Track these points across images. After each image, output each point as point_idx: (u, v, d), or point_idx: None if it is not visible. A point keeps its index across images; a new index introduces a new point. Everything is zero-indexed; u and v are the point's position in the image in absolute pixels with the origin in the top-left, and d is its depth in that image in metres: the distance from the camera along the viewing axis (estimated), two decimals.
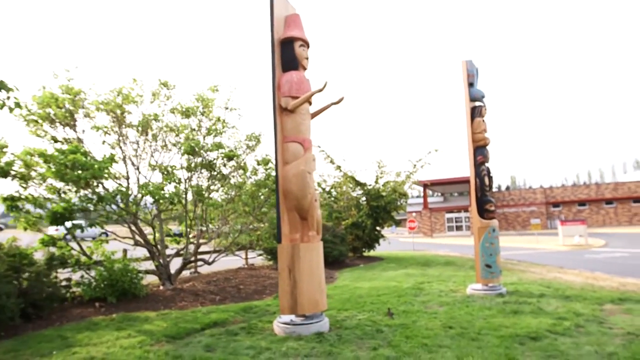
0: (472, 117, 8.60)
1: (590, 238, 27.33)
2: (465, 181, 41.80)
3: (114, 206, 7.71)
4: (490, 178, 8.46)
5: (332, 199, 17.10)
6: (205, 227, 9.39)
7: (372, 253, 17.69)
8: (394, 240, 38.52)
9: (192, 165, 8.57)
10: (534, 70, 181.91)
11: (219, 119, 8.86)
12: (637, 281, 9.78)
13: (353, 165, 20.19)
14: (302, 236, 5.64)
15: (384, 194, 16.27)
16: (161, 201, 7.88)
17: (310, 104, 6.08)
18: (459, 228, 46.83)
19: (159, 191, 7.60)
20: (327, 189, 17.11)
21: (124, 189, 7.88)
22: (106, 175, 7.39)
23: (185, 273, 11.28)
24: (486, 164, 8.53)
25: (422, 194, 48.84)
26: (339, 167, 16.26)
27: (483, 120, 8.58)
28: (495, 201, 8.50)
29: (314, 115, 6.22)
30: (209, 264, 9.85)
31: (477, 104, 8.70)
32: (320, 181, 17.11)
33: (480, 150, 8.48)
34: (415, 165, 16.51)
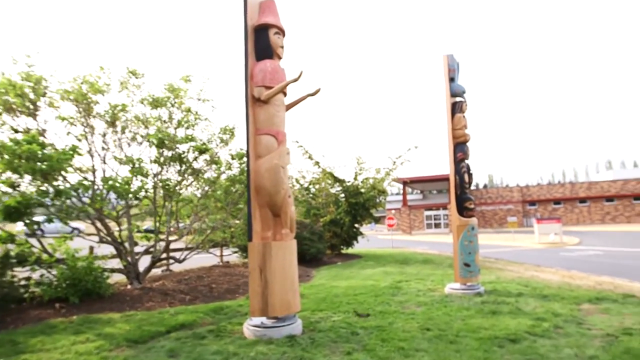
0: (453, 113, 8.43)
1: (565, 236, 27.80)
2: (444, 179, 42.10)
3: (75, 200, 7.25)
4: (470, 175, 8.32)
5: (310, 195, 16.84)
6: (176, 223, 8.99)
7: (350, 250, 17.52)
8: (372, 238, 38.57)
9: (162, 158, 8.15)
10: (513, 70, 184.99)
11: (190, 110, 8.44)
12: (613, 280, 9.82)
13: (332, 161, 19.95)
14: (275, 234, 5.36)
15: (362, 190, 16.08)
16: (127, 196, 7.46)
17: (285, 95, 5.79)
18: (437, 225, 47.22)
19: (125, 186, 7.18)
20: (306, 185, 16.83)
21: (86, 183, 7.42)
22: (67, 168, 6.93)
23: (157, 271, 10.86)
24: (466, 161, 8.38)
25: (401, 192, 49.03)
26: (317, 163, 16.00)
27: (464, 117, 8.42)
28: (474, 199, 8.37)
29: (289, 107, 5.92)
30: (180, 261, 9.47)
31: (458, 99, 8.54)
32: (299, 177, 16.85)
33: (460, 147, 8.32)
34: (394, 162, 16.38)
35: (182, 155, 7.95)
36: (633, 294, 7.89)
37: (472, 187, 53.78)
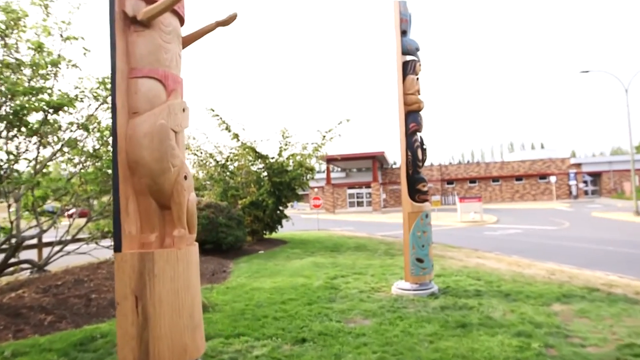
0: (404, 74, 6.85)
1: (484, 215, 28.38)
2: (368, 157, 41.65)
3: None
4: (424, 151, 6.84)
5: (228, 173, 14.62)
6: (35, 213, 6.55)
7: (274, 235, 15.72)
8: (295, 217, 37.12)
9: None
10: (437, 46, 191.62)
11: (40, 47, 5.78)
12: (560, 267, 9.12)
13: (254, 135, 17.50)
14: (162, 238, 3.38)
15: (288, 168, 14.23)
16: None
17: (182, 22, 3.74)
18: (360, 204, 47.02)
19: None
20: (222, 162, 14.51)
21: None
22: None
23: (26, 273, 8.27)
24: (419, 134, 6.88)
25: (324, 169, 47.99)
26: (236, 136, 13.76)
27: (417, 79, 6.88)
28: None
29: (188, 40, 3.87)
30: (40, 267, 7.01)
31: (410, 57, 6.96)
32: (214, 152, 14.48)
33: (413, 116, 6.78)
34: (324, 136, 14.64)
35: (20, 112, 5.29)
36: (593, 286, 7.07)
37: (391, 166, 53.80)
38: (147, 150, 3.22)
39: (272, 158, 13.98)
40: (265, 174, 14.11)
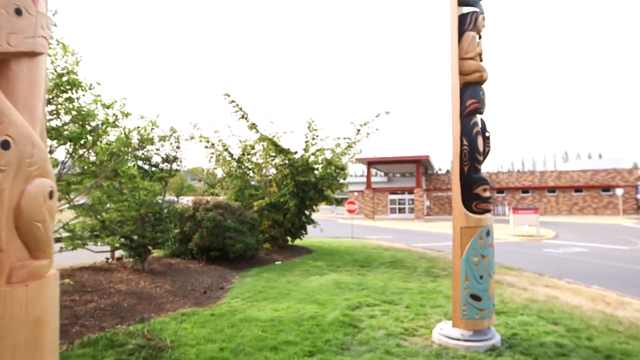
0: (461, 32, 4.84)
1: (540, 228, 25.36)
2: (411, 161, 39.15)
3: None
4: (486, 140, 4.81)
5: (243, 169, 12.91)
6: None
7: (299, 242, 13.89)
8: (332, 222, 35.29)
9: None
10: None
11: None
12: None
13: (279, 127, 14.94)
14: None
15: (316, 166, 12.32)
16: None
17: None
18: (401, 210, 44.45)
19: None
20: (236, 156, 12.72)
21: None
22: None
23: None
24: (480, 116, 4.85)
25: (365, 173, 45.84)
26: (254, 126, 11.99)
27: (479, 39, 4.86)
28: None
29: None
30: None
31: (470, 9, 4.95)
32: (228, 144, 12.66)
33: (471, 90, 4.76)
34: (359, 130, 12.65)
35: None
36: None
37: (436, 172, 51.16)
38: None
39: (295, 152, 12.01)
40: (287, 171, 12.20)
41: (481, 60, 4.86)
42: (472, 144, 4.63)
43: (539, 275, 9.56)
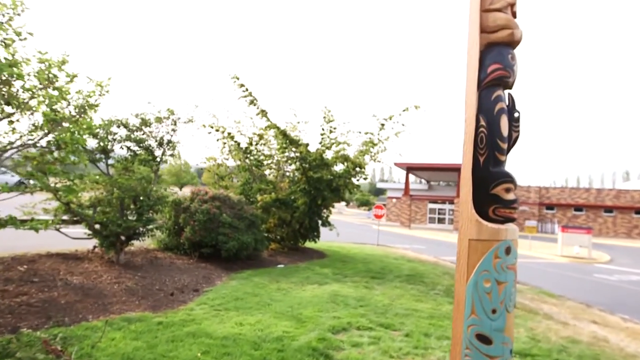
0: None
1: (592, 250, 22.86)
2: (452, 169, 36.96)
3: None
4: (514, 123, 3.50)
5: (251, 160, 11.69)
6: None
7: (313, 245, 12.71)
8: (365, 227, 33.76)
9: None
10: (539, 64, 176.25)
11: None
12: None
13: (293, 118, 13.24)
14: None
15: (332, 162, 11.05)
16: None
17: None
18: (441, 221, 42.23)
19: None
20: (244, 145, 11.62)
21: None
22: None
23: None
24: (506, 90, 3.54)
25: (404, 179, 43.98)
26: (263, 113, 10.81)
27: None
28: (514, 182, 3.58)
29: None
30: None
31: None
32: (234, 132, 11.56)
33: (496, 53, 3.45)
34: (383, 125, 11.31)
35: None
36: None
37: None
38: None
39: (307, 145, 10.74)
40: (298, 165, 10.95)
41: (514, 15, 3.56)
42: (493, 124, 3.32)
43: (585, 307, 7.94)
